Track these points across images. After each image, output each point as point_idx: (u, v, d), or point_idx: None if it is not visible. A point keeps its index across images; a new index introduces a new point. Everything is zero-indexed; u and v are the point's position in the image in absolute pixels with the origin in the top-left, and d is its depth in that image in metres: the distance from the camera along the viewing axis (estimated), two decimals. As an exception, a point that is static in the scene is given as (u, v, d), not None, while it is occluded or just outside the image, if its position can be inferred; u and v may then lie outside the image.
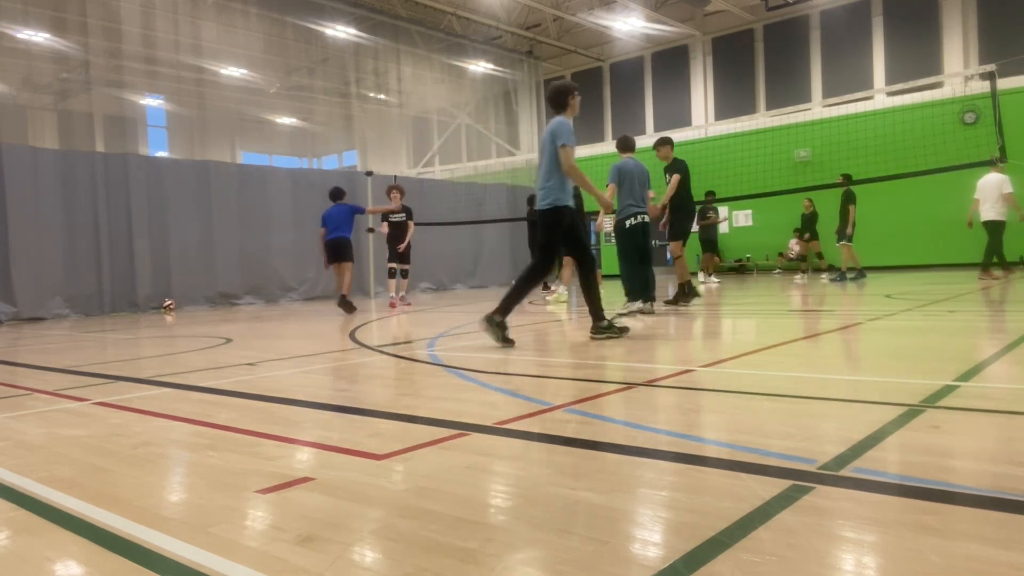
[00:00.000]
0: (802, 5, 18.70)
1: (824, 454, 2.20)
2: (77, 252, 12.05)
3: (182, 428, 3.04)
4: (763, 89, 19.67)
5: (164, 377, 4.60)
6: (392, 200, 11.16)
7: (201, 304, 13.40)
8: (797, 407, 3.01)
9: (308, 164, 28.04)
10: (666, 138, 8.86)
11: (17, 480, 2.32)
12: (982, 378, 3.40)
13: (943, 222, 16.66)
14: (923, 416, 2.66)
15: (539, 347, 5.62)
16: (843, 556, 1.51)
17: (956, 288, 9.99)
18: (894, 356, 4.46)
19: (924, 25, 17.17)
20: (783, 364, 4.21)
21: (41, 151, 12.29)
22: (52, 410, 3.59)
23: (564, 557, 1.53)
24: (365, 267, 15.58)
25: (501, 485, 2.10)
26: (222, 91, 18.36)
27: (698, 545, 1.56)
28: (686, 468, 2.18)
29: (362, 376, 4.50)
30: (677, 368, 4.17)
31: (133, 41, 14.93)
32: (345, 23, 17.78)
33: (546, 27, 21.22)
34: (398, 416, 3.10)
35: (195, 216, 13.43)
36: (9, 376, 5.08)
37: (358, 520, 1.83)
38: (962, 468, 2.09)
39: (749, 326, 6.78)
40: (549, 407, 3.14)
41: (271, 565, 1.56)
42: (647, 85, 21.89)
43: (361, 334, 7.12)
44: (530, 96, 22.63)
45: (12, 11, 13.25)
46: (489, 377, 4.12)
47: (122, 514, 1.93)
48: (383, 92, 20.75)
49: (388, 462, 2.35)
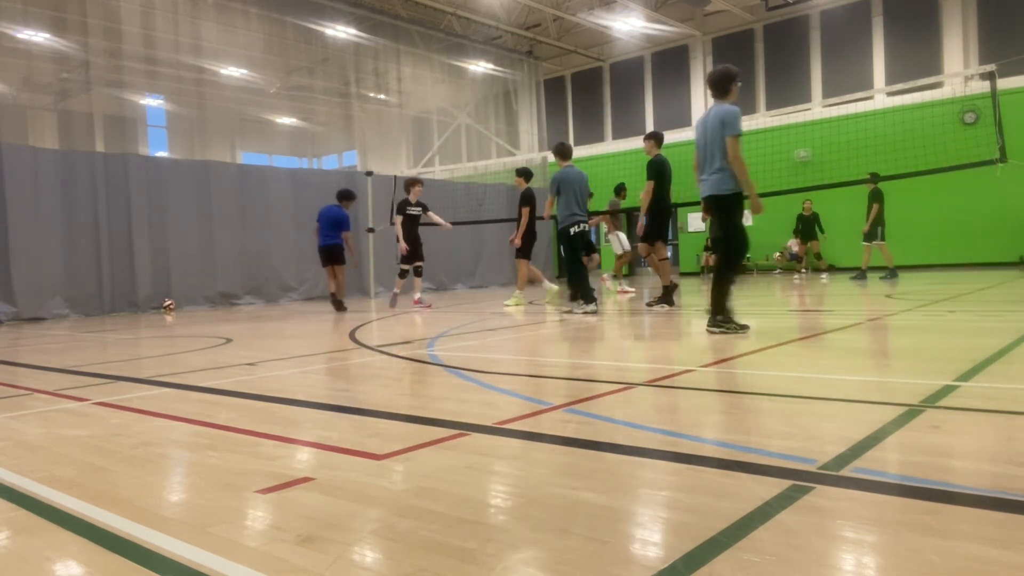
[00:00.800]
0: (802, 5, 18.70)
1: (824, 454, 2.20)
2: (77, 252, 12.04)
3: (182, 428, 3.04)
4: (763, 89, 19.66)
5: (164, 377, 4.60)
6: (412, 194, 10.89)
7: (201, 304, 13.40)
8: (797, 407, 3.01)
9: (308, 164, 28.03)
10: (653, 133, 8.88)
11: (17, 480, 2.32)
12: (982, 378, 3.40)
13: (943, 222, 16.67)
14: (923, 416, 2.66)
15: (539, 347, 5.62)
16: (843, 556, 1.51)
17: (956, 288, 9.99)
18: (894, 356, 4.46)
19: (924, 25, 17.17)
20: (783, 364, 4.21)
21: (41, 151, 12.28)
22: (52, 410, 3.59)
23: (564, 557, 1.53)
24: (365, 267, 15.58)
25: (501, 485, 2.10)
26: (222, 91, 18.35)
27: (698, 545, 1.56)
28: (686, 468, 2.18)
29: (362, 376, 4.50)
30: (677, 368, 4.17)
31: (133, 41, 14.92)
32: (345, 23, 17.78)
33: (546, 27, 21.22)
34: (398, 416, 3.10)
35: (195, 216, 13.42)
36: (9, 376, 5.08)
37: (358, 520, 1.83)
38: (962, 468, 2.09)
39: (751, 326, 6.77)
40: (549, 407, 3.14)
41: (271, 565, 1.56)
42: (647, 85, 21.89)
43: (361, 334, 7.12)
44: (530, 96, 22.62)
45: (12, 11, 13.25)
46: (489, 377, 4.12)
47: (122, 514, 1.93)
48: (383, 92, 20.75)
49: (388, 462, 2.35)
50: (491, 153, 22.30)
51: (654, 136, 8.83)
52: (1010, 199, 15.52)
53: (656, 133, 8.91)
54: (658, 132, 9.02)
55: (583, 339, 6.02)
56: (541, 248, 21.30)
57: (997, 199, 15.58)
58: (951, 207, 16.52)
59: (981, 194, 15.75)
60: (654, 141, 8.75)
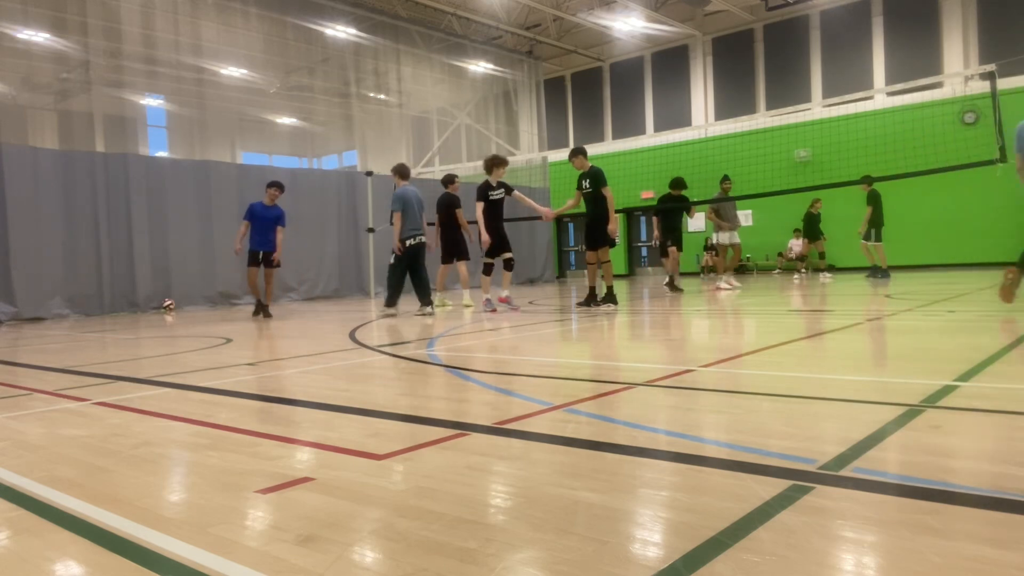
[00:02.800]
0: (802, 5, 18.70)
1: (824, 454, 2.20)
2: (77, 252, 12.04)
3: (182, 428, 3.04)
4: (763, 89, 19.67)
5: (164, 377, 4.60)
6: (494, 175, 9.63)
7: (201, 304, 13.40)
8: (797, 407, 3.01)
9: (308, 164, 28.03)
10: (578, 148, 9.33)
11: (17, 480, 2.32)
12: (982, 378, 3.40)
13: (943, 222, 16.67)
14: (923, 416, 2.66)
15: (539, 347, 5.62)
16: (843, 556, 1.51)
17: (956, 288, 9.99)
18: (894, 356, 4.46)
19: (924, 25, 17.17)
20: (783, 364, 4.21)
21: (41, 151, 12.29)
22: (52, 410, 3.59)
23: (564, 557, 1.53)
24: (365, 267, 15.58)
25: (501, 485, 2.10)
26: (222, 91, 18.34)
27: (698, 545, 1.56)
28: (686, 468, 2.18)
29: (362, 376, 4.50)
30: (677, 368, 4.17)
31: (133, 41, 14.91)
32: (345, 23, 17.78)
33: (546, 27, 21.22)
34: (398, 416, 3.10)
35: (195, 216, 13.42)
36: (9, 376, 5.08)
37: (358, 520, 1.83)
38: (962, 468, 2.09)
39: (749, 326, 6.78)
40: (549, 407, 3.14)
41: (271, 565, 1.56)
42: (647, 85, 21.89)
43: (361, 334, 7.12)
44: (530, 96, 22.61)
45: (12, 11, 13.24)
46: (489, 377, 4.12)
47: (122, 514, 1.93)
48: (383, 92, 20.74)
49: (388, 462, 2.35)
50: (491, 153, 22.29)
51: (581, 151, 9.22)
52: (1010, 199, 15.51)
53: (580, 148, 9.30)
54: (580, 147, 9.36)
55: (583, 339, 6.02)
56: (541, 248, 21.32)
57: (997, 199, 15.58)
58: (951, 207, 16.52)
59: (981, 194, 15.76)
60: (583, 156, 9.16)
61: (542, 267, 21.25)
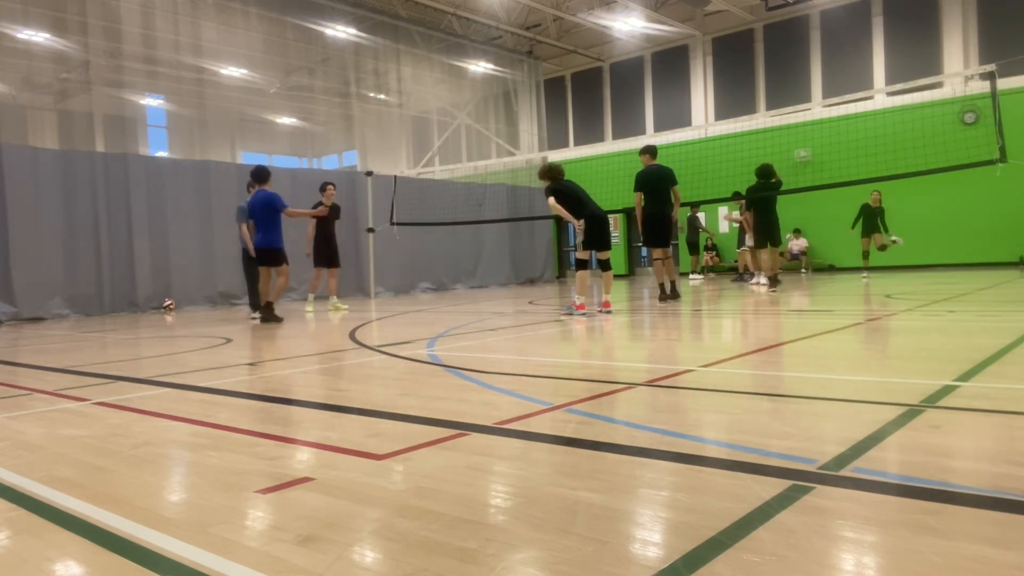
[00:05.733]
0: (802, 5, 18.69)
1: (824, 454, 2.20)
2: (77, 252, 12.04)
3: (182, 428, 3.04)
4: (763, 89, 19.66)
5: (164, 377, 4.60)
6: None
7: (201, 304, 13.39)
8: (797, 407, 3.01)
9: (308, 164, 28.03)
10: (650, 146, 10.01)
11: (17, 480, 2.32)
12: (982, 378, 3.40)
13: (943, 222, 16.67)
14: (923, 416, 2.66)
15: (539, 347, 5.62)
16: (843, 556, 1.51)
17: (956, 288, 9.99)
18: (894, 356, 4.46)
19: (924, 25, 17.17)
20: (783, 364, 4.21)
21: (41, 151, 12.28)
22: (52, 410, 3.59)
23: (564, 557, 1.53)
24: (365, 267, 15.58)
25: (501, 485, 2.10)
26: (222, 91, 18.36)
27: (698, 545, 1.56)
28: (686, 468, 2.18)
29: (362, 376, 4.50)
30: (677, 368, 4.17)
31: (133, 41, 14.92)
32: (345, 23, 17.78)
33: (546, 27, 21.22)
34: (398, 416, 3.10)
35: (195, 216, 13.41)
36: (9, 376, 5.08)
37: (358, 520, 1.83)
38: (962, 468, 2.09)
39: (750, 325, 6.78)
40: (549, 407, 3.14)
41: (271, 565, 1.56)
42: (647, 85, 21.88)
43: (361, 334, 7.12)
44: (530, 96, 22.62)
45: (12, 11, 13.25)
46: (489, 377, 4.12)
47: (122, 514, 1.93)
48: (383, 92, 20.75)
49: (388, 462, 2.35)
50: (491, 153, 22.31)
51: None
52: (1010, 199, 15.52)
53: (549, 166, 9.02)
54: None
55: (583, 339, 6.02)
56: (541, 248, 21.33)
57: (997, 199, 15.58)
58: (951, 207, 16.52)
59: (981, 194, 15.75)
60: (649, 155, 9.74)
61: (542, 267, 21.26)
